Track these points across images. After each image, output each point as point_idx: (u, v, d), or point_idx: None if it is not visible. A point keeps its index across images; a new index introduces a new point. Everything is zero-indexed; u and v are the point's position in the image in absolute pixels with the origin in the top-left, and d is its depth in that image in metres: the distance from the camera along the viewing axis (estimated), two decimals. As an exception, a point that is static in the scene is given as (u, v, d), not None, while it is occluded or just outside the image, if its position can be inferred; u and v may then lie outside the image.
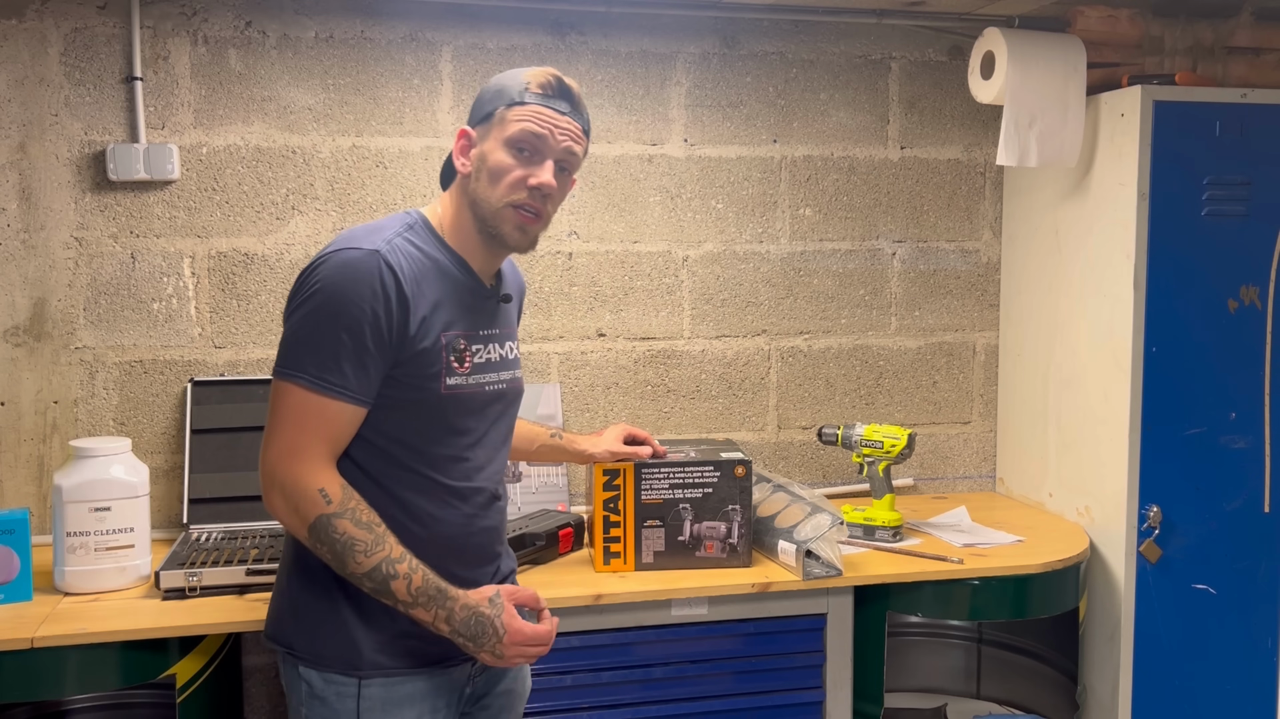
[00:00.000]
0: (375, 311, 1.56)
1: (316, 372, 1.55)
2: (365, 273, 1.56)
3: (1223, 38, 2.67)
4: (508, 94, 1.66)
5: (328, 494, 1.56)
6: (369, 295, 1.56)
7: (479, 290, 1.72)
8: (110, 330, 2.54)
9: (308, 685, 1.66)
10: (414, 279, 1.61)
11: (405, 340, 1.60)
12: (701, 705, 2.26)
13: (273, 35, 2.57)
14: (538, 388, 2.73)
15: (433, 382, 1.63)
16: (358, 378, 1.57)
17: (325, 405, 1.56)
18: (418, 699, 1.68)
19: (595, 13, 2.70)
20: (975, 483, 3.11)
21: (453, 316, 1.66)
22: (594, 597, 2.15)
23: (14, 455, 2.51)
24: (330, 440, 1.58)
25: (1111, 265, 2.59)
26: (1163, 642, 2.59)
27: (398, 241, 1.63)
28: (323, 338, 1.56)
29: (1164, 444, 2.56)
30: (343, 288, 1.56)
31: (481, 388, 1.70)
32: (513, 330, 1.84)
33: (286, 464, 1.56)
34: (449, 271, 1.68)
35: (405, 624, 1.65)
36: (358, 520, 1.56)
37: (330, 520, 1.55)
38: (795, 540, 2.26)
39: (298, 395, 1.56)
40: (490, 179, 1.65)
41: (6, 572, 2.09)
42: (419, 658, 1.68)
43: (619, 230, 2.80)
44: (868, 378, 3.00)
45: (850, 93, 2.91)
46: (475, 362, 1.69)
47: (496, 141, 1.65)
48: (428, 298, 1.62)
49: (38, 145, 2.48)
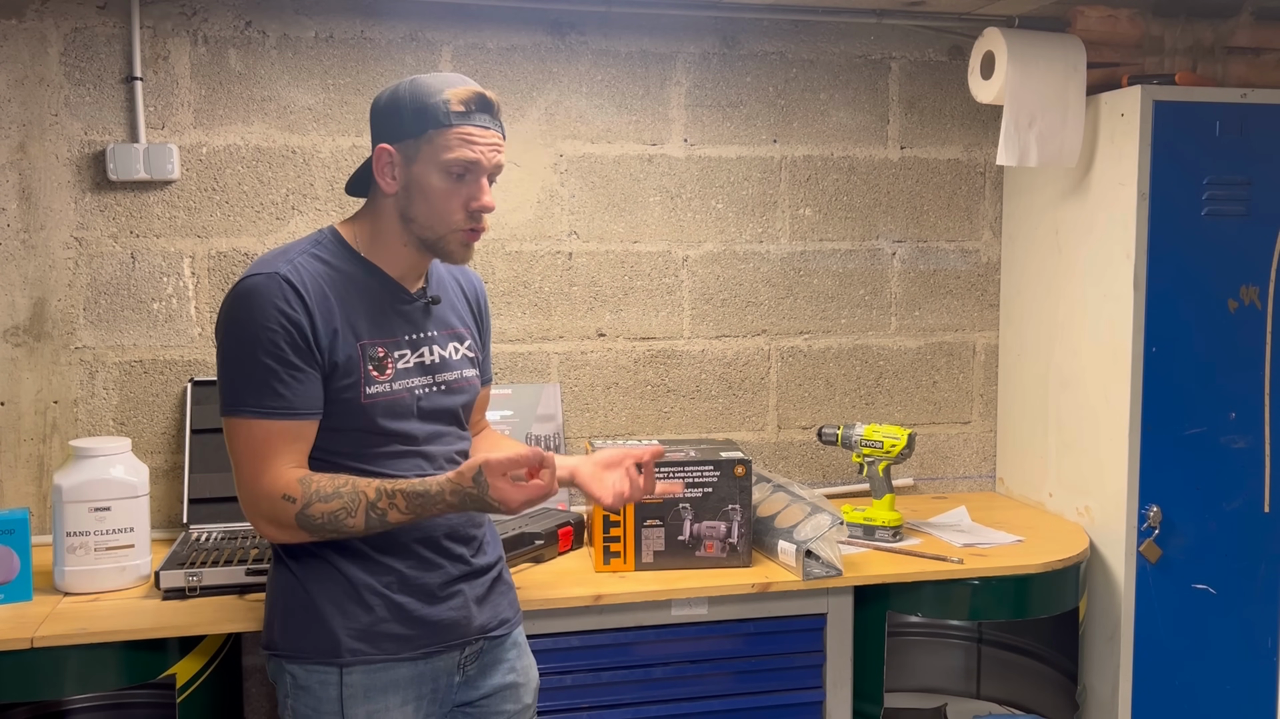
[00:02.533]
0: (285, 326, 1.60)
1: (255, 402, 1.61)
2: (267, 296, 1.61)
3: (1223, 38, 2.67)
4: (433, 115, 1.65)
5: (290, 495, 1.61)
6: (274, 315, 1.60)
7: (400, 296, 1.74)
8: (110, 330, 2.54)
9: (291, 678, 1.70)
10: (319, 294, 1.64)
11: (323, 352, 1.64)
12: (701, 705, 2.26)
13: (273, 35, 2.57)
14: (538, 388, 2.74)
15: (350, 392, 1.66)
16: (295, 393, 1.62)
17: (273, 429, 1.62)
18: (402, 685, 1.70)
19: (595, 13, 2.70)
20: (975, 483, 3.11)
21: (369, 326, 1.69)
22: (594, 597, 2.15)
23: (14, 455, 2.51)
24: (289, 455, 1.63)
25: (1111, 265, 2.59)
26: (1163, 642, 2.59)
27: (301, 260, 1.66)
28: (250, 369, 1.61)
29: (1164, 444, 2.56)
30: (250, 315, 1.61)
31: (411, 392, 1.72)
32: (457, 331, 1.83)
33: (254, 491, 1.63)
34: (362, 282, 1.70)
35: (383, 612, 1.68)
36: (323, 497, 1.60)
37: (305, 514, 1.60)
38: (795, 540, 2.26)
39: (245, 428, 1.62)
40: (428, 203, 1.68)
41: (6, 572, 2.09)
42: (401, 643, 1.70)
43: (619, 230, 2.80)
44: (868, 378, 3.00)
45: (850, 93, 2.91)
46: (399, 368, 1.71)
47: (429, 165, 1.66)
48: (337, 311, 1.66)
49: (38, 145, 2.48)
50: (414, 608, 1.71)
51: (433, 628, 1.72)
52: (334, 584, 1.69)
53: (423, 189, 1.67)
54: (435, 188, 1.67)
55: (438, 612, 1.73)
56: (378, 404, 1.68)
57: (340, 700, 1.67)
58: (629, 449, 1.87)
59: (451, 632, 1.75)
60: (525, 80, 2.71)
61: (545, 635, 2.15)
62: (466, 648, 1.78)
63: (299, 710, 1.70)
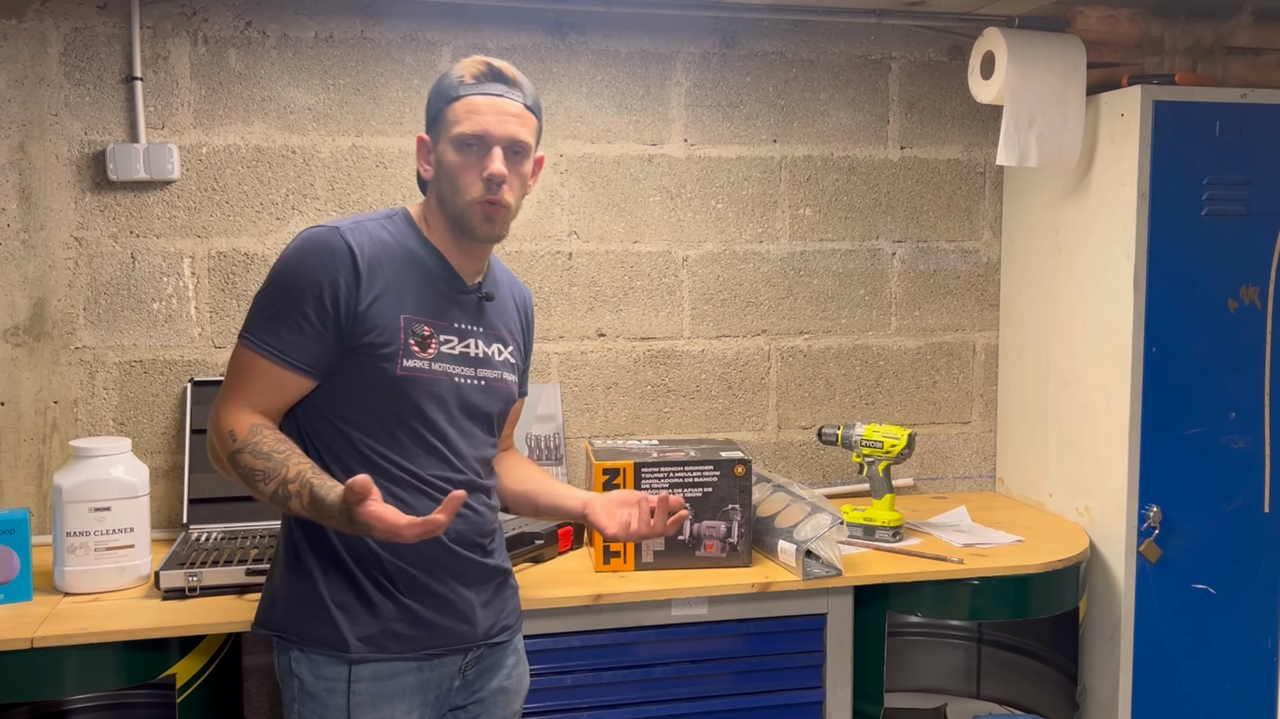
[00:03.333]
0: (319, 280, 1.62)
1: (257, 334, 1.64)
2: (320, 245, 1.64)
3: (1223, 38, 2.67)
4: (445, 92, 1.69)
5: (235, 433, 1.61)
6: (317, 265, 1.62)
7: (456, 284, 1.74)
8: (110, 330, 2.54)
9: (299, 681, 1.68)
10: (373, 258, 1.65)
11: (355, 315, 1.63)
12: (701, 705, 2.26)
13: (273, 35, 2.57)
14: (538, 388, 2.73)
15: (387, 361, 1.65)
16: (292, 342, 1.62)
17: (255, 363, 1.63)
18: (407, 693, 1.69)
19: (595, 13, 2.70)
20: (975, 483, 3.11)
21: (418, 302, 1.69)
22: (594, 596, 2.15)
23: (14, 455, 2.51)
24: (258, 395, 1.64)
25: (1111, 265, 2.59)
26: (1163, 642, 2.59)
27: (369, 225, 1.69)
28: (268, 304, 1.64)
29: (1164, 444, 2.56)
30: (295, 259, 1.64)
31: (449, 377, 1.71)
32: (503, 334, 1.82)
33: (216, 413, 1.65)
34: (423, 262, 1.71)
35: (391, 614, 1.68)
36: (257, 452, 1.59)
37: (235, 456, 1.61)
38: (795, 540, 2.26)
39: (240, 354, 1.66)
40: (448, 180, 1.69)
41: (6, 572, 2.09)
42: (406, 644, 1.69)
43: (619, 230, 2.80)
44: (868, 378, 3.00)
45: (850, 93, 2.91)
46: (443, 350, 1.70)
47: (445, 143, 1.69)
48: (388, 279, 1.66)
49: (38, 145, 2.48)
50: (422, 612, 1.70)
51: (439, 631, 1.72)
52: (344, 584, 1.67)
53: (444, 167, 1.69)
54: (452, 163, 1.68)
55: (445, 617, 1.72)
56: (414, 379, 1.67)
57: (347, 709, 1.66)
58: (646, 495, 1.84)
59: (456, 636, 1.74)
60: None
61: (545, 635, 2.16)
62: (469, 653, 1.77)
63: (305, 716, 1.69)
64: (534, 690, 2.14)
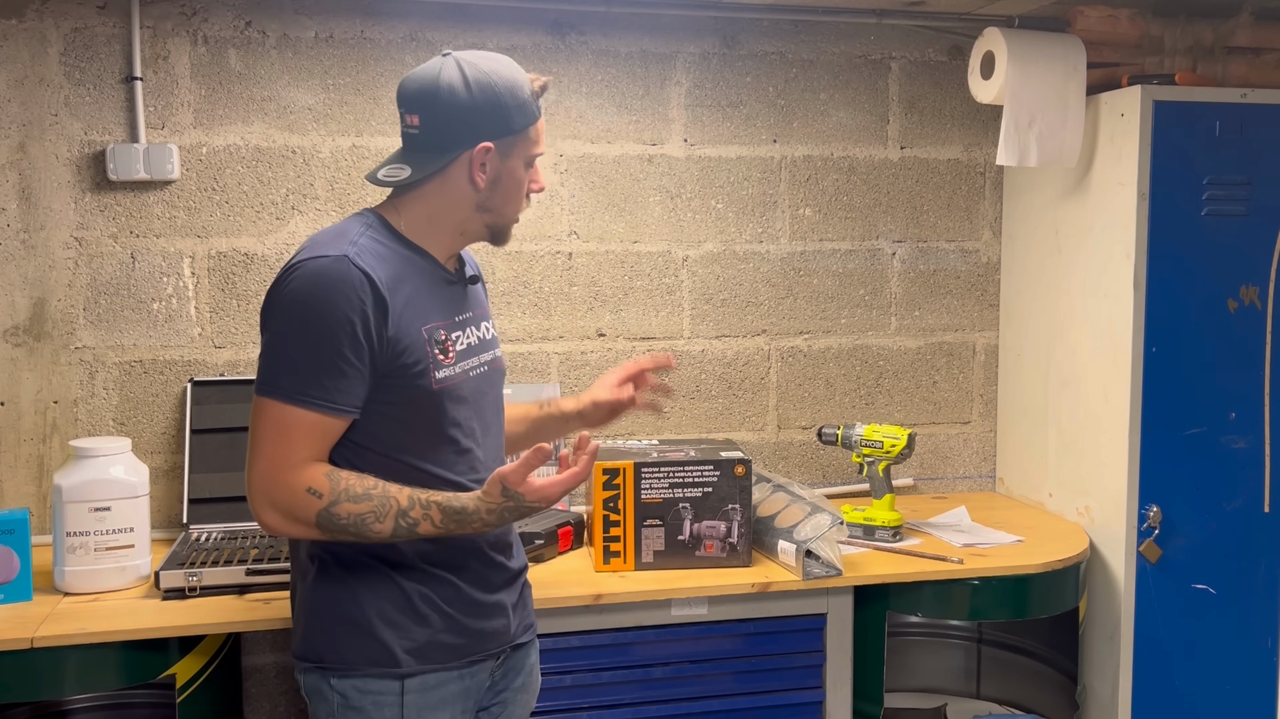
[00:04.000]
0: (350, 318, 1.54)
1: (294, 385, 1.55)
2: (338, 279, 1.55)
3: (1223, 38, 2.67)
4: (529, 110, 1.67)
5: (316, 489, 1.55)
6: (343, 303, 1.54)
7: (445, 277, 1.72)
8: (110, 330, 2.54)
9: (341, 697, 1.63)
10: (387, 278, 1.59)
11: (385, 342, 1.58)
12: (701, 705, 2.26)
13: (273, 35, 2.57)
14: (537, 388, 2.73)
15: (422, 378, 1.62)
16: (338, 388, 1.56)
17: (304, 418, 1.55)
18: (450, 701, 1.68)
19: (595, 13, 2.70)
20: (975, 483, 3.11)
21: (429, 308, 1.66)
22: (594, 596, 2.15)
23: (14, 455, 2.51)
24: (313, 449, 1.57)
25: (1111, 265, 2.59)
26: (1163, 642, 2.59)
27: (363, 242, 1.61)
28: (299, 352, 1.55)
29: (1164, 444, 2.56)
30: (316, 298, 1.55)
31: (468, 375, 1.70)
32: (485, 311, 1.83)
33: (273, 477, 1.56)
34: (418, 265, 1.67)
35: (438, 624, 1.66)
36: (353, 497, 1.55)
37: (330, 512, 1.55)
38: (795, 540, 2.26)
39: (277, 411, 1.55)
40: (508, 194, 1.69)
41: (6, 572, 2.09)
42: (451, 653, 1.68)
43: (619, 230, 2.80)
44: (868, 378, 3.00)
45: (850, 93, 2.91)
46: (458, 349, 1.69)
47: (519, 159, 1.68)
48: (403, 294, 1.61)
49: (38, 145, 2.48)
50: (464, 619, 1.68)
51: (479, 637, 1.71)
52: (389, 597, 1.64)
53: (509, 182, 1.68)
54: (520, 179, 1.69)
55: (485, 622, 1.71)
56: (448, 388, 1.65)
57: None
58: (617, 398, 1.99)
59: (494, 640, 1.74)
60: (525, 80, 2.71)
61: (545, 635, 2.15)
62: (501, 655, 1.77)
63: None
64: (534, 690, 2.15)
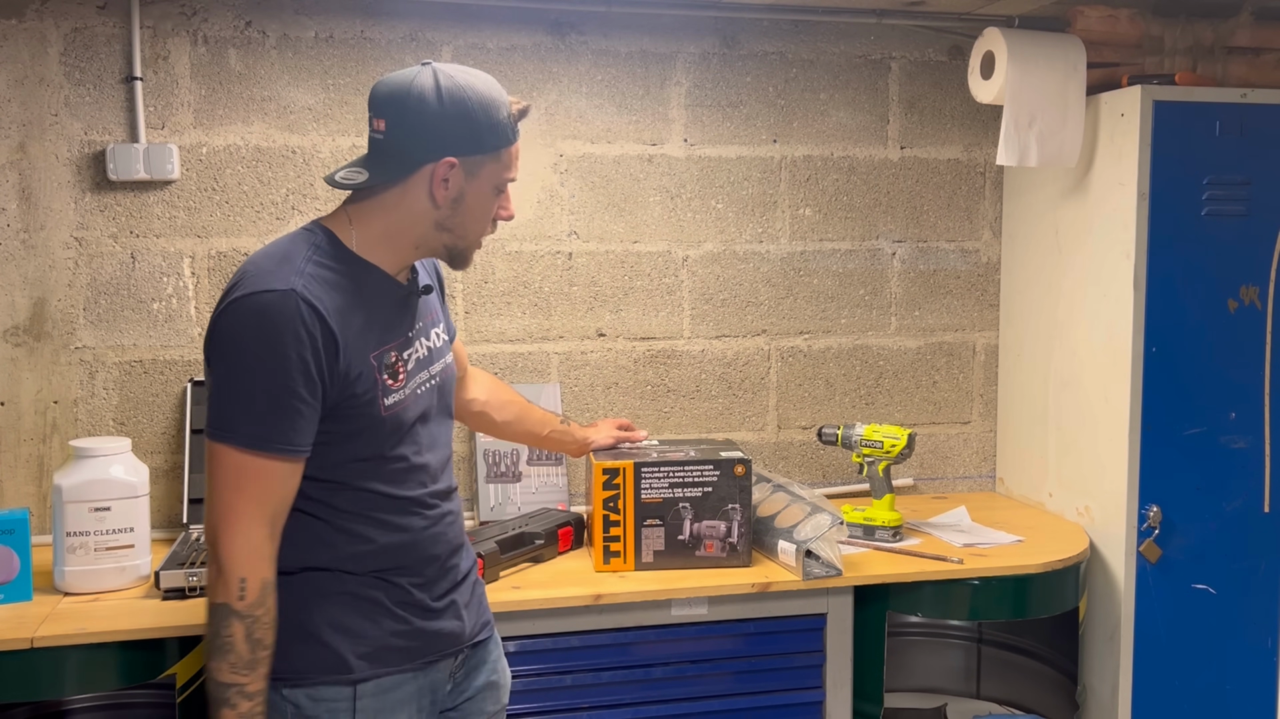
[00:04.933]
0: (302, 358, 1.48)
1: (254, 431, 1.48)
2: (288, 317, 1.48)
3: (1223, 38, 2.67)
4: (504, 132, 1.61)
5: (244, 591, 1.49)
6: (293, 342, 1.48)
7: (396, 291, 1.66)
8: (110, 330, 2.54)
9: (294, 707, 1.60)
10: (336, 309, 1.53)
11: (337, 375, 1.53)
12: (701, 705, 2.26)
13: (273, 35, 2.57)
14: (537, 388, 2.74)
15: (371, 407, 1.58)
16: (295, 429, 1.50)
17: (264, 467, 1.49)
18: (407, 701, 1.67)
19: (595, 13, 2.70)
20: (975, 483, 3.11)
21: (380, 332, 1.61)
22: (594, 596, 2.15)
23: (14, 455, 2.51)
24: (269, 502, 1.51)
25: (1111, 265, 2.59)
26: (1163, 642, 2.59)
27: (310, 270, 1.54)
28: (252, 394, 1.49)
29: (1164, 444, 2.56)
30: (266, 337, 1.48)
31: (418, 392, 1.67)
32: (436, 316, 1.78)
33: (221, 533, 1.50)
34: (365, 286, 1.60)
35: (389, 627, 1.64)
36: (250, 635, 1.49)
37: (226, 613, 1.49)
38: (795, 540, 2.26)
39: (232, 458, 1.49)
40: (472, 217, 1.64)
41: (6, 572, 2.09)
42: (405, 656, 1.67)
43: (619, 230, 2.80)
44: (868, 378, 3.00)
45: (850, 93, 2.91)
46: (409, 368, 1.65)
47: (488, 182, 1.62)
48: (352, 324, 1.56)
49: (38, 145, 2.48)
50: (417, 621, 1.67)
51: (433, 638, 1.70)
52: (337, 603, 1.62)
53: (474, 204, 1.63)
54: (487, 203, 1.64)
55: (437, 624, 1.70)
56: (395, 414, 1.62)
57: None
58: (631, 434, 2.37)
59: (449, 641, 1.73)
60: (525, 80, 2.71)
61: (545, 635, 2.16)
62: (459, 655, 1.76)
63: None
64: (534, 690, 2.15)
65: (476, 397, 2.17)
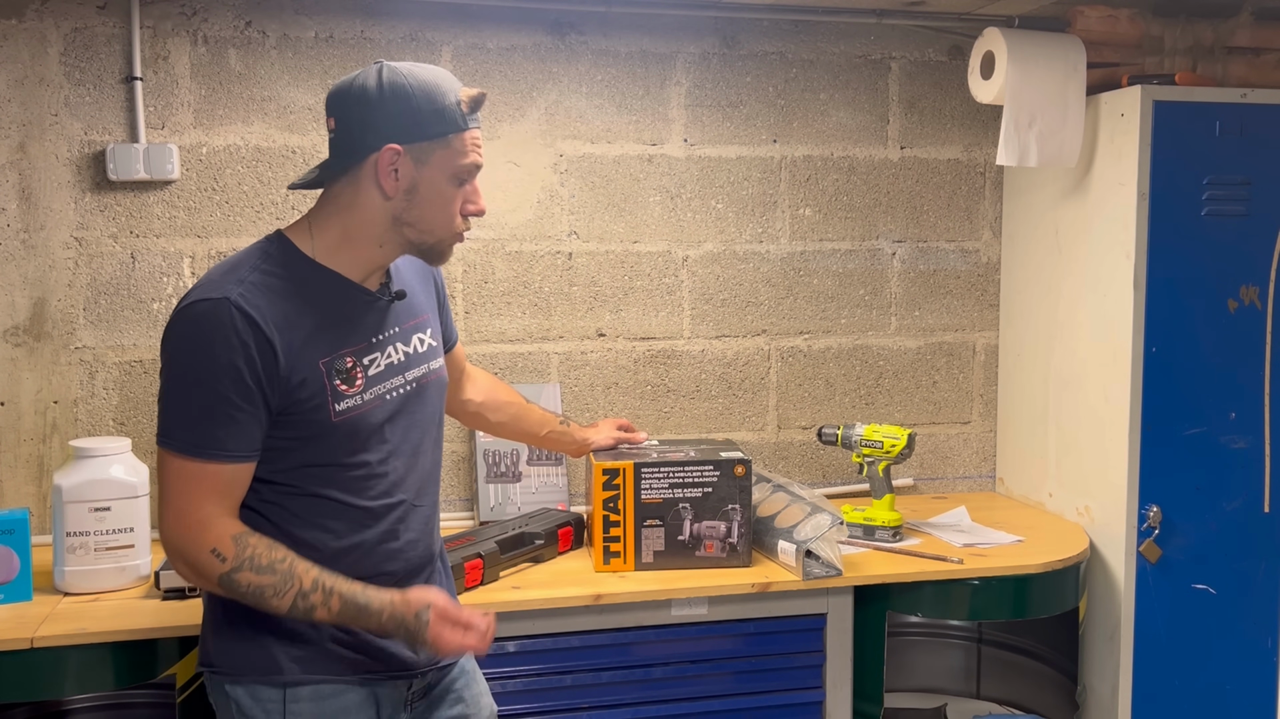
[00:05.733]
0: (234, 364, 1.50)
1: (188, 438, 1.52)
2: (217, 325, 1.50)
3: (1223, 38, 2.67)
4: (451, 118, 1.58)
5: (220, 552, 1.52)
6: (224, 349, 1.50)
7: (361, 298, 1.65)
8: (110, 330, 2.54)
9: (236, 704, 1.62)
10: (275, 317, 1.53)
11: (278, 381, 1.54)
12: (701, 705, 2.26)
13: (273, 35, 2.57)
14: (537, 388, 2.74)
15: (319, 413, 1.57)
16: (230, 435, 1.52)
17: (203, 470, 1.52)
18: (351, 711, 1.64)
19: (595, 13, 2.70)
20: (975, 483, 3.11)
21: (332, 338, 1.60)
22: (594, 596, 2.15)
23: (14, 455, 2.51)
24: (218, 498, 1.54)
25: (1111, 265, 2.59)
26: (1163, 642, 2.59)
27: (253, 279, 1.55)
28: (187, 402, 1.52)
29: (1164, 444, 2.56)
30: (197, 345, 1.51)
31: (381, 399, 1.64)
32: (422, 321, 1.75)
33: (178, 532, 1.53)
34: (320, 292, 1.60)
35: (331, 632, 1.62)
36: (257, 567, 1.52)
37: (232, 577, 1.52)
38: (795, 540, 2.26)
39: (174, 464, 1.53)
40: (433, 209, 1.61)
41: (6, 572, 2.09)
42: (346, 666, 1.64)
43: (619, 230, 2.80)
44: (868, 378, 3.00)
45: (850, 93, 2.91)
46: (370, 374, 1.63)
47: (441, 170, 1.59)
48: (296, 331, 1.55)
49: (38, 145, 2.48)
50: (363, 635, 1.63)
51: (379, 654, 1.66)
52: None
53: (430, 194, 1.60)
54: (444, 193, 1.61)
55: (384, 642, 1.66)
56: (351, 419, 1.60)
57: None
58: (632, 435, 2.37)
59: (399, 662, 1.68)
60: (525, 80, 2.71)
61: (545, 635, 2.15)
62: (414, 682, 1.72)
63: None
64: (534, 690, 2.15)
65: (472, 397, 2.16)
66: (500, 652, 2.01)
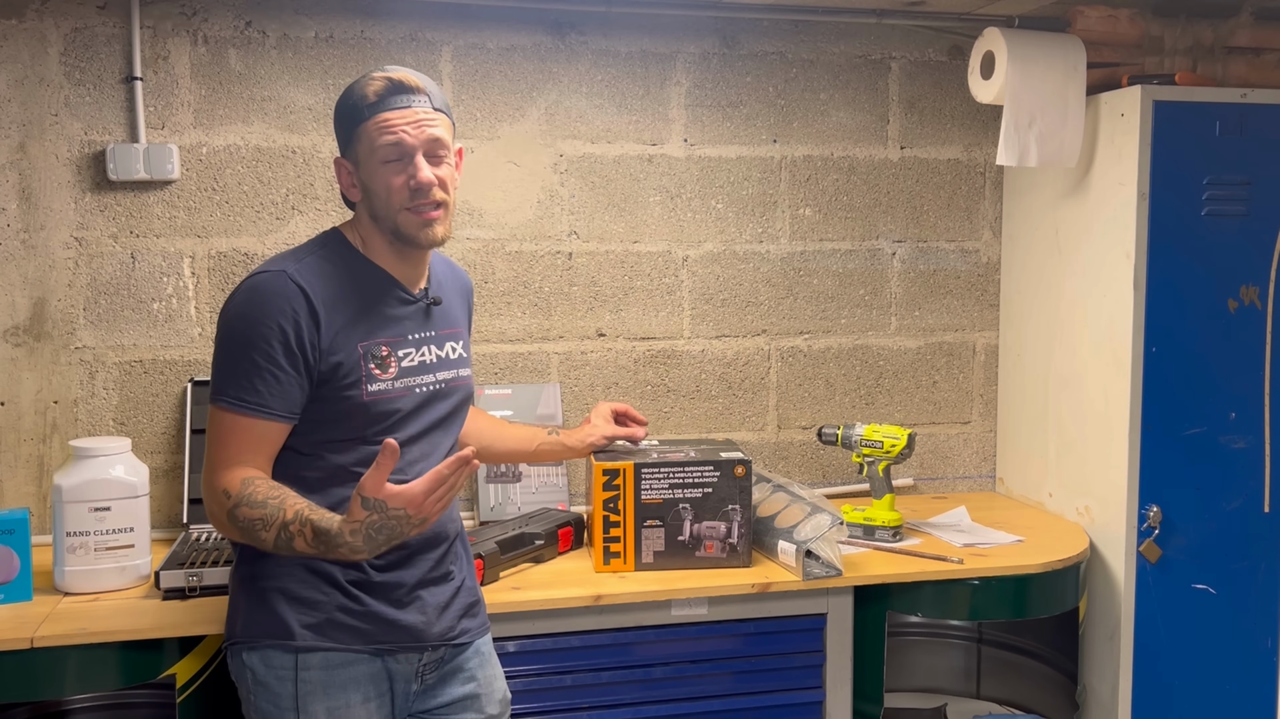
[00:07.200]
0: (282, 326, 1.63)
1: (234, 394, 1.64)
2: (272, 293, 1.65)
3: (1223, 38, 2.67)
4: (355, 113, 1.71)
5: (228, 491, 1.62)
6: (275, 313, 1.64)
7: (404, 298, 1.78)
8: (110, 330, 2.54)
9: (252, 673, 1.71)
10: (325, 295, 1.68)
11: (320, 353, 1.66)
12: (701, 705, 2.26)
13: (273, 35, 2.57)
14: (538, 388, 2.74)
15: (353, 389, 1.69)
16: (270, 393, 1.64)
17: (238, 423, 1.65)
18: (362, 682, 1.70)
19: (595, 13, 2.70)
20: (975, 483, 3.11)
21: (372, 326, 1.72)
22: (594, 597, 2.15)
23: (14, 455, 2.51)
24: (247, 453, 1.65)
25: (1111, 265, 2.59)
26: (1163, 642, 2.59)
27: (310, 260, 1.71)
28: (237, 361, 1.65)
29: (1164, 444, 2.56)
30: (251, 309, 1.65)
31: (411, 389, 1.75)
32: (456, 331, 1.88)
33: (206, 479, 1.67)
34: (367, 283, 1.75)
35: (339, 603, 1.69)
36: (252, 502, 1.60)
37: (234, 512, 1.62)
38: (795, 540, 2.26)
39: (219, 418, 1.66)
40: (379, 196, 1.72)
41: (6, 572, 2.09)
42: (356, 636, 1.70)
43: (619, 230, 2.80)
44: (868, 378, 3.00)
45: (850, 93, 2.91)
46: (404, 365, 1.74)
47: (368, 161, 1.72)
48: (341, 312, 1.69)
49: (38, 145, 2.48)
50: (373, 605, 1.71)
51: (390, 627, 1.72)
52: (293, 574, 1.69)
53: (371, 184, 1.72)
54: (379, 179, 1.71)
55: (397, 614, 1.72)
56: (380, 400, 1.71)
57: (296, 697, 1.67)
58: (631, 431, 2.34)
59: (409, 635, 1.74)
60: (525, 80, 2.71)
61: (545, 635, 2.16)
62: (425, 654, 1.77)
63: (261, 708, 1.71)
64: (534, 691, 2.15)
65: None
66: (500, 652, 2.01)
